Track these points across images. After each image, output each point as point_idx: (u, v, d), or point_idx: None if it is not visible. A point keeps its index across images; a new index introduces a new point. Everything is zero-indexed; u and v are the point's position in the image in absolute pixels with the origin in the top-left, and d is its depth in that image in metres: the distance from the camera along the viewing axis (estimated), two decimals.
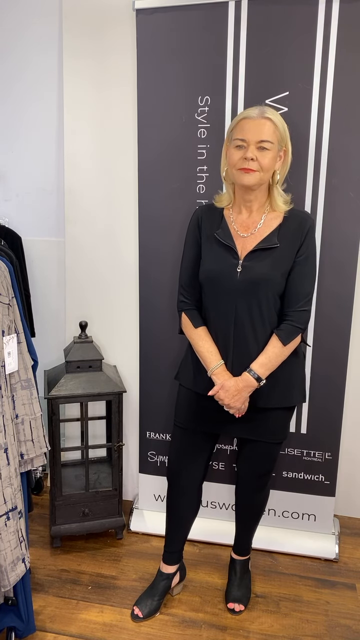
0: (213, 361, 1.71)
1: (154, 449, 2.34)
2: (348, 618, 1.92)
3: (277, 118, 1.62)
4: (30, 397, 1.63)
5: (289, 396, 1.76)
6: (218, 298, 1.70)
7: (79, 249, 2.34)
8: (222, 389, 1.68)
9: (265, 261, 1.65)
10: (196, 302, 1.78)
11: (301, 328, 1.68)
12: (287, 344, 1.66)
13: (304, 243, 1.66)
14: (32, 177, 2.42)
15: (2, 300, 1.52)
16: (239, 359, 1.70)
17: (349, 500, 2.41)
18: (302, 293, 1.67)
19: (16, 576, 1.58)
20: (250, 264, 1.65)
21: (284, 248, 1.65)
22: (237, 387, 1.67)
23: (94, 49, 2.15)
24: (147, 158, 2.10)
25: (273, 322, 1.69)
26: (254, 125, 1.59)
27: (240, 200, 1.71)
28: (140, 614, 1.90)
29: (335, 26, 1.86)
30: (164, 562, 1.98)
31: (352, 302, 2.05)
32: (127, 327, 2.36)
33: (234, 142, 1.62)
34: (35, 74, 2.31)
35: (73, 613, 1.93)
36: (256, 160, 1.59)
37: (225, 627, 1.88)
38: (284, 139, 1.65)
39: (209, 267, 1.70)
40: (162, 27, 1.99)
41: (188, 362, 1.83)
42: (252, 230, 1.69)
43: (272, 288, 1.65)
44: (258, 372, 1.66)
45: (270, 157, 1.61)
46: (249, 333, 1.68)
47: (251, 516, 1.98)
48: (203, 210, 1.79)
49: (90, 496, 2.23)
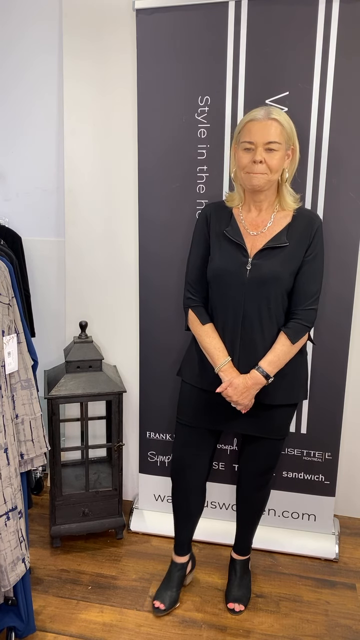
0: (220, 358, 1.72)
1: (154, 449, 2.34)
2: (348, 618, 1.92)
3: (283, 117, 1.63)
4: (30, 397, 1.63)
5: (293, 393, 1.78)
6: (226, 295, 1.70)
7: (79, 249, 2.34)
8: (230, 386, 1.69)
9: (275, 259, 1.66)
10: (203, 299, 1.79)
11: (309, 326, 1.70)
12: (295, 343, 1.68)
13: (312, 242, 1.68)
14: (32, 177, 2.42)
15: (2, 300, 1.52)
16: (245, 356, 1.71)
17: (349, 500, 2.41)
18: (310, 292, 1.69)
19: (16, 576, 1.58)
20: (259, 262, 1.66)
21: (293, 247, 1.67)
22: (246, 385, 1.68)
23: (94, 49, 2.15)
24: (147, 158, 2.10)
25: (280, 320, 1.70)
26: (260, 128, 1.60)
27: (250, 200, 1.72)
28: (162, 606, 1.92)
29: (335, 26, 1.86)
30: (176, 554, 2.02)
31: (352, 302, 2.05)
32: (127, 327, 2.36)
33: (242, 145, 1.63)
34: (35, 75, 2.31)
35: (73, 613, 1.93)
36: (264, 162, 1.60)
37: (225, 627, 1.88)
38: (292, 137, 1.65)
39: (219, 265, 1.71)
40: (162, 27, 1.99)
41: (192, 358, 1.84)
42: (261, 229, 1.70)
43: (280, 286, 1.66)
44: (267, 370, 1.68)
45: (279, 158, 1.62)
46: (256, 330, 1.69)
47: (252, 515, 1.98)
48: (212, 208, 1.80)
49: (90, 496, 2.23)
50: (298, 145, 1.69)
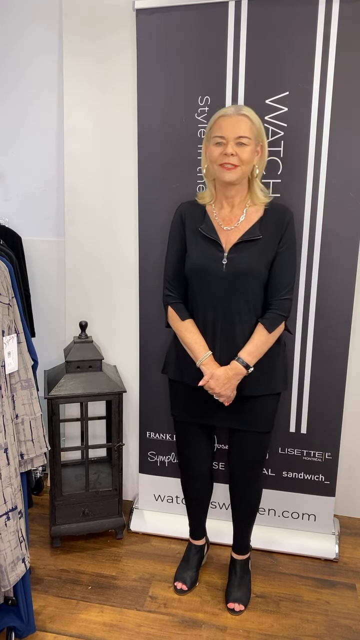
0: (201, 352, 1.76)
1: (154, 449, 2.34)
2: (348, 618, 1.92)
3: (253, 115, 1.69)
4: (30, 397, 1.63)
5: (273, 383, 1.82)
6: (205, 290, 1.75)
7: (79, 249, 2.34)
8: (212, 378, 1.74)
9: (249, 253, 1.71)
10: (182, 295, 1.84)
11: (284, 316, 1.76)
12: (272, 332, 1.74)
13: (284, 234, 1.73)
14: (32, 177, 2.42)
15: (2, 300, 1.52)
16: (226, 348, 1.76)
17: (349, 500, 2.41)
18: (284, 282, 1.74)
19: (16, 576, 1.58)
20: (234, 256, 1.71)
21: (266, 240, 1.72)
22: (227, 376, 1.73)
23: (94, 48, 2.15)
24: (147, 158, 2.10)
25: (258, 312, 1.76)
26: (231, 123, 1.65)
27: (221, 197, 1.77)
28: (184, 587, 2.01)
29: (335, 26, 1.86)
30: (192, 538, 2.12)
31: (352, 302, 2.05)
32: (127, 327, 2.36)
33: (213, 140, 1.69)
34: (35, 74, 2.31)
35: (73, 613, 1.93)
36: (236, 155, 1.65)
37: (225, 627, 1.88)
38: (260, 134, 1.72)
39: (195, 261, 1.76)
40: (162, 27, 1.99)
41: (174, 354, 1.89)
42: (234, 224, 1.75)
43: (256, 279, 1.72)
44: (246, 360, 1.72)
45: (249, 151, 1.67)
46: (235, 323, 1.74)
47: (246, 512, 1.99)
48: (186, 207, 1.85)
49: (90, 496, 2.23)
50: (266, 143, 1.75)
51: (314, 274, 2.04)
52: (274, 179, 2.00)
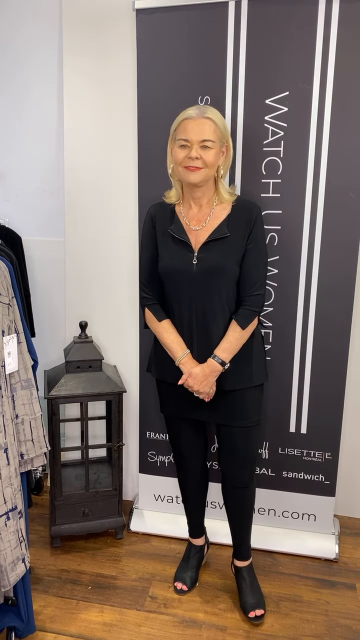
0: (179, 351, 1.79)
1: (154, 449, 2.34)
2: (348, 618, 1.92)
3: (217, 117, 1.69)
4: (30, 397, 1.63)
5: (252, 376, 1.83)
6: (178, 291, 1.77)
7: (79, 249, 2.34)
8: (190, 376, 1.77)
9: (218, 251, 1.73)
10: (158, 296, 1.86)
11: (257, 311, 1.77)
12: (245, 328, 1.75)
13: (252, 230, 1.74)
14: (32, 177, 2.42)
15: (2, 300, 1.52)
16: (203, 346, 1.78)
17: (349, 500, 2.41)
18: (254, 278, 1.75)
19: (16, 576, 1.58)
20: (204, 255, 1.73)
21: (235, 237, 1.73)
22: (204, 373, 1.76)
23: (94, 48, 2.15)
24: (147, 158, 2.10)
25: (232, 309, 1.77)
26: (195, 126, 1.66)
27: (189, 197, 1.79)
28: (185, 587, 2.02)
29: (335, 26, 1.86)
30: (192, 537, 2.13)
31: (352, 302, 2.05)
32: (127, 327, 2.36)
33: (177, 142, 1.70)
34: (35, 74, 2.31)
35: (73, 613, 1.93)
36: (200, 158, 1.66)
37: (225, 627, 1.88)
38: (225, 135, 1.72)
39: (167, 263, 1.78)
40: (162, 27, 1.99)
41: (155, 354, 1.92)
42: (203, 223, 1.76)
43: (227, 276, 1.73)
44: (222, 357, 1.75)
45: (213, 154, 1.68)
46: (210, 321, 1.76)
47: (244, 520, 1.98)
48: (156, 208, 1.86)
49: (90, 496, 2.23)
50: (231, 143, 1.76)
51: (314, 274, 2.04)
52: (274, 179, 2.00)
